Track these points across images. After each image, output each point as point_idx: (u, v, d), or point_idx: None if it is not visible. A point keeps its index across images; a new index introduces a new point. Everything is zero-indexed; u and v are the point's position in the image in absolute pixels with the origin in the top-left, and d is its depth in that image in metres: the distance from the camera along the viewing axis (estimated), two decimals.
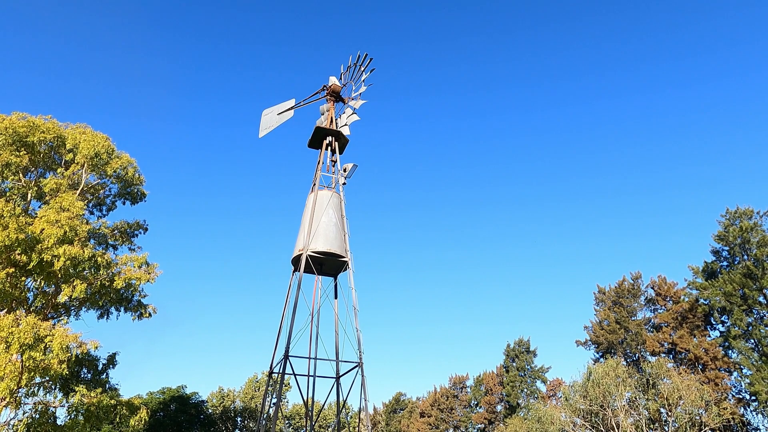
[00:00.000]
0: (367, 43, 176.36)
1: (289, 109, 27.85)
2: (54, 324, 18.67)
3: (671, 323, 43.56)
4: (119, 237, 26.07)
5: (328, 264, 24.96)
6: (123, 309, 23.58)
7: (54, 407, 20.66)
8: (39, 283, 20.79)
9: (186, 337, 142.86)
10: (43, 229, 18.89)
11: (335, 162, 27.14)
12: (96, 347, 18.57)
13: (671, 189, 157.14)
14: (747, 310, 38.04)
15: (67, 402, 20.70)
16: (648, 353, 44.07)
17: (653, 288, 46.79)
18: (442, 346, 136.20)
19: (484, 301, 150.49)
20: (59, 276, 19.85)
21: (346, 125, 27.93)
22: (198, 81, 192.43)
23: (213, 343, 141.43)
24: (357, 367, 22.81)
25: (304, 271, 23.70)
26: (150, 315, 23.38)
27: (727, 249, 40.76)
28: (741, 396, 39.02)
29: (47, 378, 19.07)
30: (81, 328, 32.41)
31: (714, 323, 42.33)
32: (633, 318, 46.54)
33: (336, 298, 25.81)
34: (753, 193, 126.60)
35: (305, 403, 24.24)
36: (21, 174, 22.97)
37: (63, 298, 19.89)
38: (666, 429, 37.25)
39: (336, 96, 28.48)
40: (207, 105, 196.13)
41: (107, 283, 21.09)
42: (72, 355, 18.09)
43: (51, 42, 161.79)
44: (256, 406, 59.39)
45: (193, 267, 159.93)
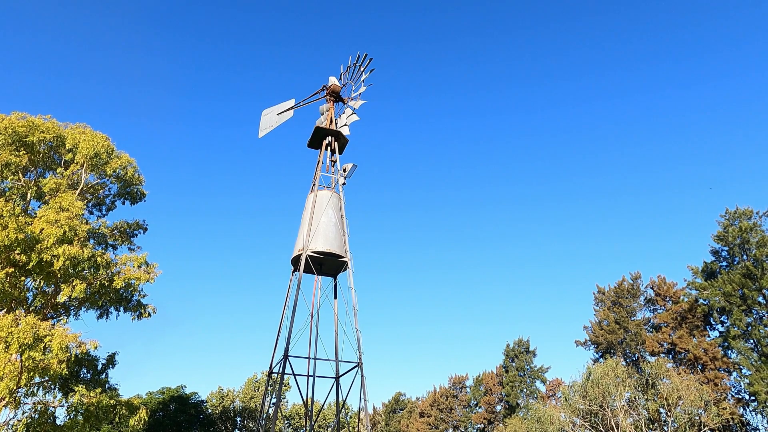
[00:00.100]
0: (367, 43, 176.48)
1: (289, 109, 27.87)
2: (53, 324, 18.66)
3: (671, 323, 43.58)
4: (119, 237, 26.08)
5: (327, 264, 24.97)
6: (122, 309, 23.59)
7: (53, 407, 20.66)
8: (38, 283, 20.79)
9: (186, 337, 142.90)
10: (43, 229, 18.89)
11: (335, 162, 27.16)
12: (95, 347, 18.57)
13: (671, 189, 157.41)
14: (746, 310, 38.07)
15: (67, 402, 20.70)
16: (647, 353, 44.08)
17: (653, 288, 46.81)
18: (441, 346, 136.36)
19: (483, 301, 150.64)
20: (59, 276, 19.85)
21: (345, 125, 27.95)
22: (198, 81, 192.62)
23: (213, 343, 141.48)
24: (356, 367, 22.82)
25: (303, 271, 23.69)
26: (149, 315, 23.39)
27: (727, 249, 40.81)
28: (740, 396, 39.04)
29: (46, 378, 19.05)
30: (80, 328, 32.41)
31: (713, 323, 42.38)
32: (632, 318, 46.55)
33: (336, 298, 25.83)
34: (752, 194, 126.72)
35: (305, 403, 24.23)
36: (20, 174, 22.97)
37: (62, 297, 19.88)
38: (665, 429, 37.26)
39: (336, 96, 28.49)
40: (207, 105, 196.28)
41: (107, 283, 21.09)
42: (71, 355, 18.10)
43: (51, 42, 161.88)
44: (255, 406, 59.38)
45: (193, 267, 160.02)
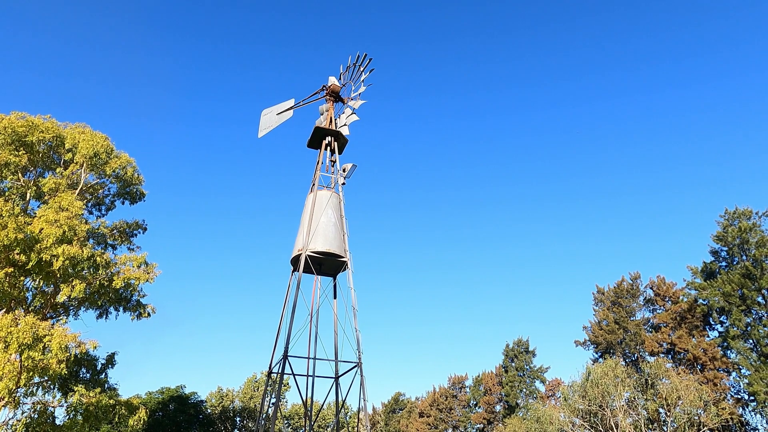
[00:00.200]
0: (367, 43, 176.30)
1: (289, 109, 27.86)
2: (53, 324, 18.67)
3: (670, 323, 43.58)
4: (118, 237, 26.07)
5: (327, 264, 24.96)
6: (122, 309, 23.61)
7: (53, 407, 20.66)
8: (38, 283, 20.79)
9: (185, 337, 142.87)
10: (42, 229, 18.88)
11: (334, 162, 27.15)
12: (95, 347, 18.59)
13: (671, 189, 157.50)
14: (746, 310, 38.08)
15: (66, 402, 20.72)
16: (647, 353, 44.09)
17: (652, 288, 46.82)
18: (441, 346, 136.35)
19: (483, 301, 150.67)
20: (58, 276, 19.85)
21: (345, 125, 27.95)
22: (198, 81, 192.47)
23: (212, 343, 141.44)
24: (356, 367, 22.82)
25: (303, 271, 23.68)
26: (149, 315, 23.42)
27: (726, 249, 40.82)
28: (739, 396, 39.06)
29: (46, 378, 19.06)
30: (80, 327, 32.45)
31: (713, 323, 42.36)
32: (632, 318, 46.56)
33: (335, 298, 25.83)
34: (752, 194, 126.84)
35: (304, 403, 24.21)
36: (20, 173, 22.95)
37: (62, 297, 19.88)
38: (665, 429, 37.28)
39: (335, 96, 28.48)
40: (207, 105, 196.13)
41: (106, 283, 21.10)
42: (71, 355, 18.10)
43: (51, 42, 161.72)
44: (255, 406, 59.39)
45: (193, 267, 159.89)
